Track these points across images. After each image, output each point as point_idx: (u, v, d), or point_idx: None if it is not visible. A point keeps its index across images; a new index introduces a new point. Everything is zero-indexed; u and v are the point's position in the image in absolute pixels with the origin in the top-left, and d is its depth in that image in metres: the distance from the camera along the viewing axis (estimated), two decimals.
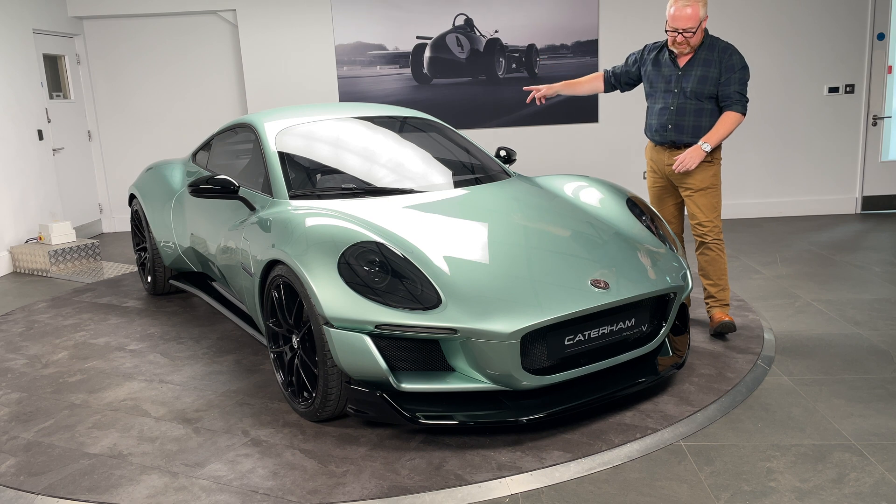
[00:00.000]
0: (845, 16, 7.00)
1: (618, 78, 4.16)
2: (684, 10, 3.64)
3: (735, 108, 3.72)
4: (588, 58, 7.45)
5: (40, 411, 3.35)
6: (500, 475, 2.60)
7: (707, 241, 3.86)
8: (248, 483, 2.62)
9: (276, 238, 3.14)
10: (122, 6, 7.48)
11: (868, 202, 7.33)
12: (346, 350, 2.71)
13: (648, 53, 3.98)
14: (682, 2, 3.65)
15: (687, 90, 3.77)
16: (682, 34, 3.67)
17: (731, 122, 3.71)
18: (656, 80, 3.90)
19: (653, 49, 3.97)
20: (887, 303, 4.41)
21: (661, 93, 3.88)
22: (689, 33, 3.66)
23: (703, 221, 3.84)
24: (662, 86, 3.87)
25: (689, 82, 3.76)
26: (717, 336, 3.87)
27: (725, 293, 3.92)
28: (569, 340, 2.82)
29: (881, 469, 2.58)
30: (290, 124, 4.00)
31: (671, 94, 3.83)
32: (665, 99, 3.86)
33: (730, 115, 3.73)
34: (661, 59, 3.89)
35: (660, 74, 3.88)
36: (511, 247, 3.12)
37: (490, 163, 4.20)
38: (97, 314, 4.85)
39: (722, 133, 3.71)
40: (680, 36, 3.68)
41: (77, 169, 7.65)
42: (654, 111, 3.94)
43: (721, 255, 3.88)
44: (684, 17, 3.64)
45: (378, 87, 7.56)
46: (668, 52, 3.87)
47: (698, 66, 3.76)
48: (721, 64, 3.72)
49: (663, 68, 3.87)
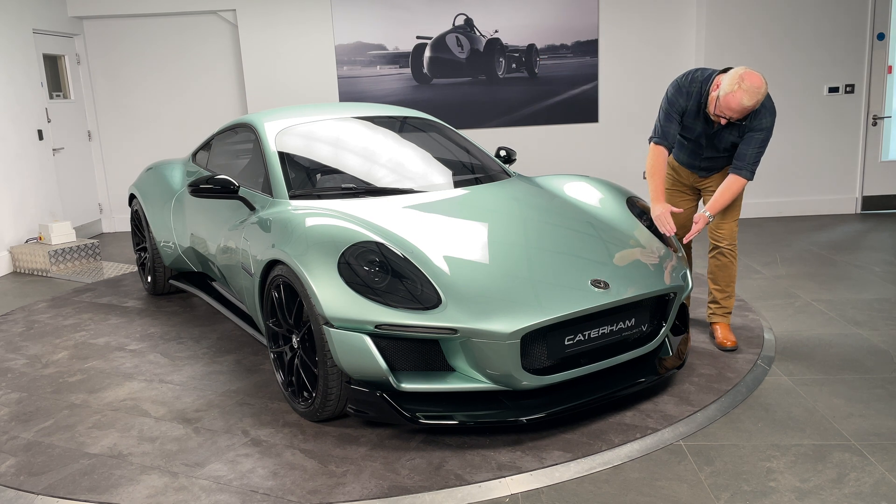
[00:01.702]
0: (845, 16, 7.00)
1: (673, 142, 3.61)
2: (745, 105, 3.27)
3: (744, 173, 3.49)
4: (588, 58, 7.45)
5: (40, 411, 3.35)
6: (500, 475, 2.60)
7: (722, 246, 3.73)
8: (248, 483, 2.62)
9: (276, 238, 3.14)
10: (122, 6, 7.48)
11: (868, 202, 7.33)
12: (346, 350, 2.71)
13: (686, 99, 3.52)
14: (748, 99, 3.25)
15: (720, 147, 3.61)
16: (730, 119, 3.37)
17: (737, 188, 3.51)
18: (691, 130, 3.61)
19: (688, 95, 3.51)
20: (887, 303, 4.41)
21: (693, 136, 3.64)
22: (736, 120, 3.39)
23: (721, 225, 3.71)
24: (695, 137, 3.63)
25: (721, 142, 3.59)
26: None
27: (730, 301, 3.83)
28: (569, 340, 2.82)
29: (881, 469, 2.58)
30: (290, 124, 4.00)
31: (701, 146, 3.66)
32: (697, 143, 3.66)
33: (738, 180, 3.50)
34: (696, 111, 3.54)
35: (695, 127, 3.58)
36: (511, 247, 3.12)
37: (490, 163, 4.20)
38: (97, 314, 4.85)
39: (727, 201, 3.52)
40: (724, 119, 3.39)
41: (77, 169, 7.65)
42: (683, 148, 3.74)
43: (733, 262, 3.76)
44: (742, 109, 3.29)
45: (378, 87, 7.56)
46: (704, 106, 3.50)
47: (730, 130, 3.53)
48: (752, 120, 3.45)
49: (699, 122, 3.56)
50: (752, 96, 3.25)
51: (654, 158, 3.56)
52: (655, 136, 3.59)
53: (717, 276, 3.82)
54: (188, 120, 7.85)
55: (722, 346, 3.71)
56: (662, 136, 3.55)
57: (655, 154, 3.56)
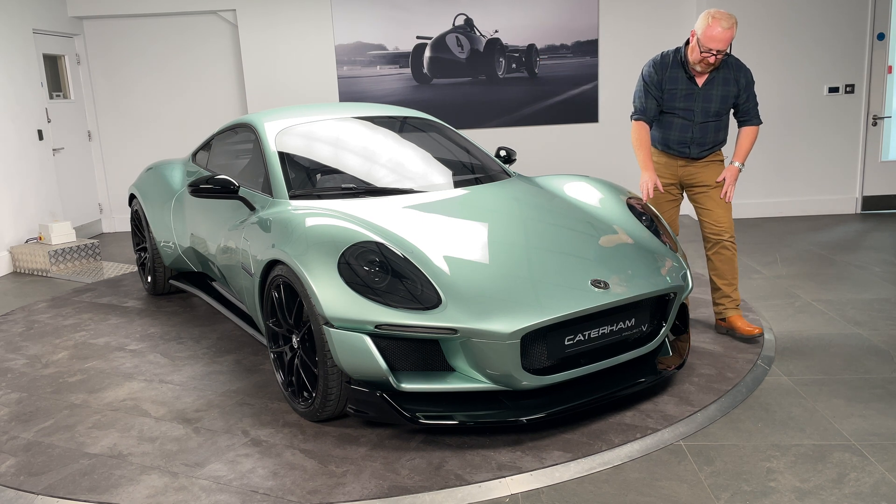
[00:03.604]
0: (845, 16, 7.00)
1: (654, 117, 3.85)
2: (727, 32, 3.51)
3: (755, 122, 3.80)
4: (588, 58, 7.45)
5: (40, 411, 3.35)
6: (500, 475, 2.60)
7: (723, 240, 3.83)
8: (248, 483, 2.62)
9: (276, 238, 3.14)
10: (122, 6, 7.48)
11: (868, 202, 7.33)
12: (346, 350, 2.71)
13: (661, 71, 3.77)
14: (725, 22, 3.50)
15: (710, 109, 3.73)
16: (716, 55, 3.56)
17: (754, 135, 3.82)
18: (674, 98, 3.77)
19: (663, 66, 3.78)
20: (887, 303, 4.41)
21: (679, 110, 3.77)
22: (722, 54, 3.58)
23: (719, 219, 3.83)
24: (682, 104, 3.76)
25: (713, 102, 3.72)
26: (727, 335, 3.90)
27: (737, 292, 3.91)
28: (569, 340, 2.82)
29: (881, 469, 2.58)
30: (290, 124, 4.00)
31: (691, 111, 3.75)
32: (685, 116, 3.77)
33: (751, 129, 3.81)
34: (677, 76, 3.75)
35: (677, 92, 3.75)
36: (511, 247, 3.12)
37: (490, 163, 4.20)
38: (97, 314, 4.85)
39: (749, 147, 3.82)
40: (713, 56, 3.56)
41: (77, 169, 7.65)
42: (672, 126, 3.82)
43: (735, 254, 3.87)
44: (725, 38, 3.52)
45: (378, 87, 7.56)
46: (683, 68, 3.73)
47: (719, 85, 3.71)
48: (738, 82, 3.71)
49: (680, 85, 3.74)
50: (726, 20, 3.50)
51: (636, 132, 3.82)
52: (635, 113, 3.86)
53: (722, 270, 3.88)
54: (188, 120, 7.85)
55: (750, 335, 3.77)
56: (641, 112, 3.82)
57: (637, 128, 3.83)
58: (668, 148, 3.88)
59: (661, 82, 3.76)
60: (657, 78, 3.77)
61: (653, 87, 3.78)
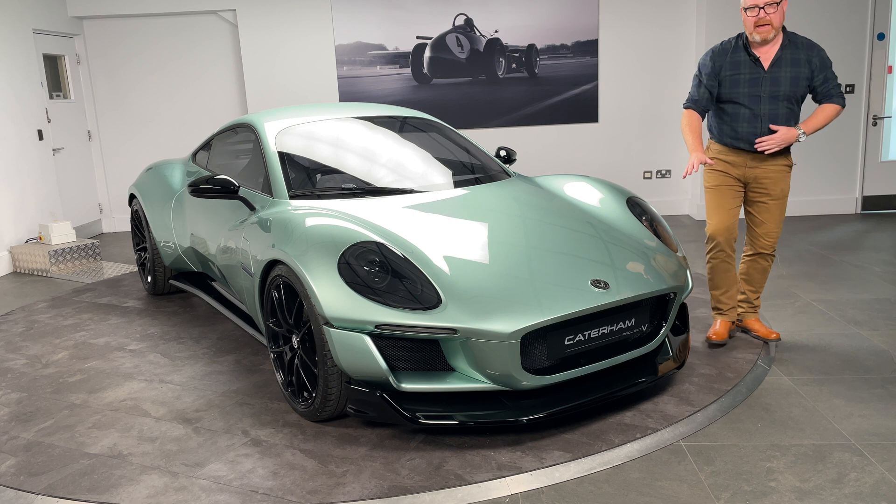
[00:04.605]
0: (845, 16, 7.00)
1: (706, 107, 3.62)
2: None
3: (837, 100, 3.46)
4: (588, 58, 7.45)
5: (40, 411, 3.35)
6: (500, 475, 2.60)
7: (766, 252, 3.72)
8: (248, 483, 2.62)
9: (276, 238, 3.14)
10: (122, 6, 7.48)
11: (868, 202, 7.33)
12: (346, 350, 2.71)
13: (720, 58, 3.51)
14: None
15: (779, 94, 3.41)
16: (765, 9, 3.26)
17: (832, 112, 3.45)
18: (737, 83, 3.46)
19: (722, 52, 3.51)
20: (887, 303, 4.41)
21: (745, 97, 3.46)
22: (773, 8, 3.26)
23: (769, 233, 3.67)
24: (747, 90, 3.45)
25: (782, 85, 3.41)
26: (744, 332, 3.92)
27: (760, 300, 3.91)
28: (569, 340, 2.82)
29: (881, 469, 2.58)
30: (290, 124, 4.00)
31: (758, 98, 3.44)
32: (752, 104, 3.46)
33: (831, 106, 3.45)
34: (739, 60, 3.46)
35: (741, 77, 3.45)
36: (511, 247, 3.12)
37: (490, 163, 4.20)
38: (97, 314, 4.85)
39: (822, 123, 3.45)
40: (762, 12, 3.26)
41: (77, 169, 7.65)
42: (738, 117, 3.51)
43: (770, 266, 3.79)
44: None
45: (378, 87, 7.56)
46: (745, 51, 3.44)
47: (787, 66, 3.40)
48: (811, 63, 3.41)
49: (744, 70, 3.44)
50: None
51: (686, 119, 3.61)
52: (687, 101, 3.65)
53: (753, 278, 3.82)
54: (188, 120, 7.85)
55: (768, 338, 3.76)
56: (693, 101, 3.61)
57: (687, 116, 3.62)
58: (736, 141, 3.56)
59: (718, 70, 3.50)
60: (714, 66, 3.51)
61: (707, 76, 3.53)
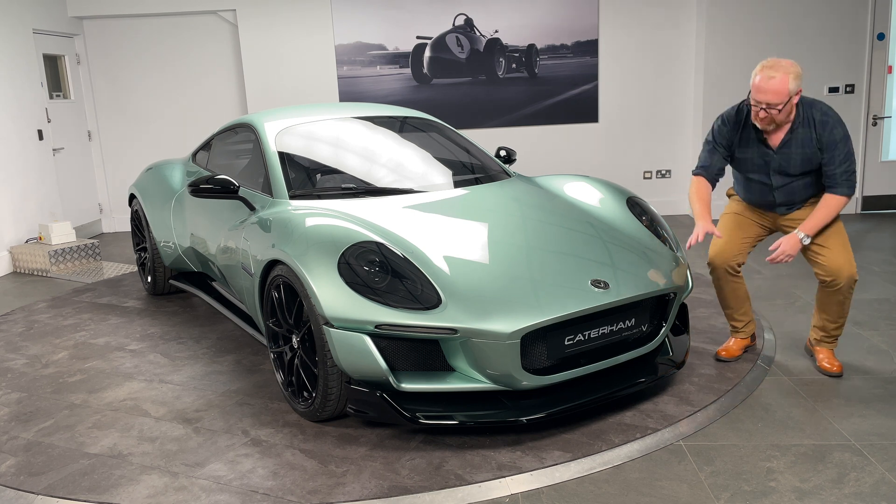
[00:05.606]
0: (845, 16, 7.00)
1: (717, 175, 3.40)
2: (769, 82, 3.02)
3: (840, 190, 3.13)
4: (588, 58, 7.45)
5: (40, 411, 3.35)
6: (500, 475, 2.60)
7: (840, 286, 3.21)
8: (248, 483, 2.62)
9: (276, 238, 3.14)
10: (122, 6, 7.48)
11: (868, 202, 7.33)
12: (346, 350, 2.71)
13: (732, 131, 3.30)
14: (767, 71, 3.04)
15: (790, 172, 3.22)
16: (766, 110, 3.06)
17: (835, 205, 3.13)
18: (747, 162, 3.31)
19: (735, 124, 3.30)
20: (887, 303, 4.41)
21: (756, 174, 3.31)
22: (775, 109, 3.06)
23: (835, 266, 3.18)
24: (757, 168, 3.29)
25: (791, 165, 3.21)
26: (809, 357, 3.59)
27: (840, 331, 3.41)
28: (569, 340, 2.82)
29: (881, 469, 2.58)
30: (290, 124, 4.00)
31: (767, 174, 3.28)
32: (762, 178, 3.30)
33: (835, 199, 3.14)
34: (749, 137, 3.27)
35: (751, 155, 3.29)
36: (511, 247, 3.12)
37: (490, 163, 4.20)
38: (97, 314, 4.85)
39: (823, 220, 3.14)
40: (763, 111, 3.08)
41: (77, 169, 7.65)
42: (751, 189, 3.37)
43: (849, 298, 3.28)
44: (770, 90, 3.02)
45: (378, 87, 7.56)
46: (754, 128, 3.24)
47: (797, 146, 3.18)
48: (821, 140, 3.14)
49: (752, 148, 3.27)
50: (773, 68, 3.05)
51: (694, 187, 3.39)
52: (697, 167, 3.43)
53: (826, 305, 3.33)
54: (188, 120, 7.85)
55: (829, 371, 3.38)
56: (704, 167, 3.39)
57: (696, 183, 3.39)
58: (756, 205, 3.43)
59: (730, 143, 3.32)
60: (728, 135, 3.32)
61: (720, 145, 3.33)
